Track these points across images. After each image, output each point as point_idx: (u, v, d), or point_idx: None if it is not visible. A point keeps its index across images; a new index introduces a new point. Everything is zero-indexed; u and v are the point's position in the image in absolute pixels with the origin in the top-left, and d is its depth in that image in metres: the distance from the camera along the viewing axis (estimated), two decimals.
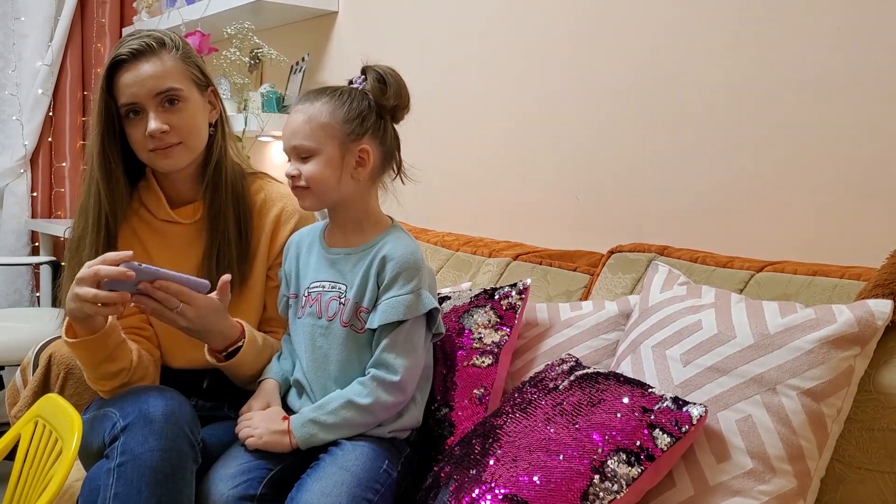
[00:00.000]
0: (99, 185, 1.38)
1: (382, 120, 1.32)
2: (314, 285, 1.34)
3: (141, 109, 1.34)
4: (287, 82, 2.67)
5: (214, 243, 1.41)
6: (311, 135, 1.27)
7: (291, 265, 1.39)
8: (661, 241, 1.59)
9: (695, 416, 1.08)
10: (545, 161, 1.93)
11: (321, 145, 1.27)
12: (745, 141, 1.55)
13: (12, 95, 3.32)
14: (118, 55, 1.34)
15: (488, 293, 1.45)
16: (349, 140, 1.28)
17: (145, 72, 1.33)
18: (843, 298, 1.23)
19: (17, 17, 3.32)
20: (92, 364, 1.30)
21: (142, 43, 1.34)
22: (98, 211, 1.38)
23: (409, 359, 1.26)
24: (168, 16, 2.88)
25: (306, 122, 1.27)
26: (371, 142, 1.30)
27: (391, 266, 1.27)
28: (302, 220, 1.47)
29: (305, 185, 1.28)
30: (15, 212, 3.36)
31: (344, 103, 1.29)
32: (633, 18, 1.73)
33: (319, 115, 1.27)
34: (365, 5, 2.47)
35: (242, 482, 1.21)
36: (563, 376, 1.24)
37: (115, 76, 1.34)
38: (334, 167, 1.27)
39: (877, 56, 1.37)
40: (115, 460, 1.16)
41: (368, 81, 1.32)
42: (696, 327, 1.20)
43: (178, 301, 1.24)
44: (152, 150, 1.36)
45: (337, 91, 1.30)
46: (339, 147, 1.28)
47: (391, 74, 1.33)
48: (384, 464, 1.24)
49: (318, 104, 1.28)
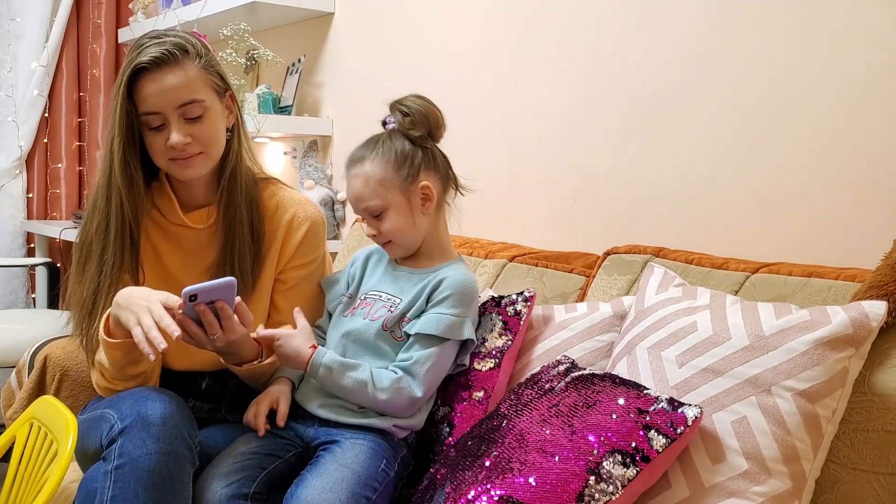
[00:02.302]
0: (121, 193, 1.35)
1: (427, 149, 1.38)
2: (372, 292, 1.41)
3: (163, 119, 1.32)
4: (283, 83, 2.67)
5: (228, 249, 1.40)
6: (375, 194, 1.35)
7: (357, 271, 1.47)
8: (657, 242, 1.59)
9: (690, 417, 1.08)
10: (541, 162, 1.93)
11: (386, 200, 1.35)
12: (741, 143, 1.56)
13: (8, 96, 3.31)
14: (140, 63, 1.29)
15: (496, 300, 1.46)
16: (408, 183, 1.35)
17: (169, 82, 1.30)
18: (838, 300, 1.23)
19: (12, 17, 3.31)
20: (120, 364, 1.31)
21: (164, 51, 1.30)
22: (121, 218, 1.36)
23: (434, 379, 1.32)
24: (164, 17, 2.88)
25: (365, 185, 1.35)
26: (427, 174, 1.37)
27: (446, 285, 1.34)
28: (314, 226, 1.47)
29: (387, 240, 1.38)
30: (10, 213, 3.35)
31: (388, 151, 1.35)
32: (628, 22, 1.73)
33: (373, 172, 1.35)
34: (361, 6, 2.47)
35: (236, 480, 1.21)
36: (558, 378, 1.24)
37: (136, 83, 1.31)
38: (406, 214, 1.36)
39: (872, 58, 1.38)
40: (113, 463, 1.16)
41: (398, 121, 1.38)
42: (691, 329, 1.21)
43: (218, 330, 1.25)
44: (172, 159, 1.34)
45: (377, 142, 1.37)
46: (403, 194, 1.35)
47: (415, 104, 1.38)
48: (382, 463, 1.26)
49: (367, 163, 1.36)
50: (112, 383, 1.34)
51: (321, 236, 1.50)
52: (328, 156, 2.61)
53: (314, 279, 1.50)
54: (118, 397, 1.29)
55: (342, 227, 2.54)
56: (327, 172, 2.58)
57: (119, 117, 1.31)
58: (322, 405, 1.33)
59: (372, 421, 1.30)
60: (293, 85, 2.60)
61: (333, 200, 2.52)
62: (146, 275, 1.41)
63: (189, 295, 1.19)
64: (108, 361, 1.32)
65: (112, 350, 1.29)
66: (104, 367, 1.33)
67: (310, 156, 2.58)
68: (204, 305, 1.22)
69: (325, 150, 2.62)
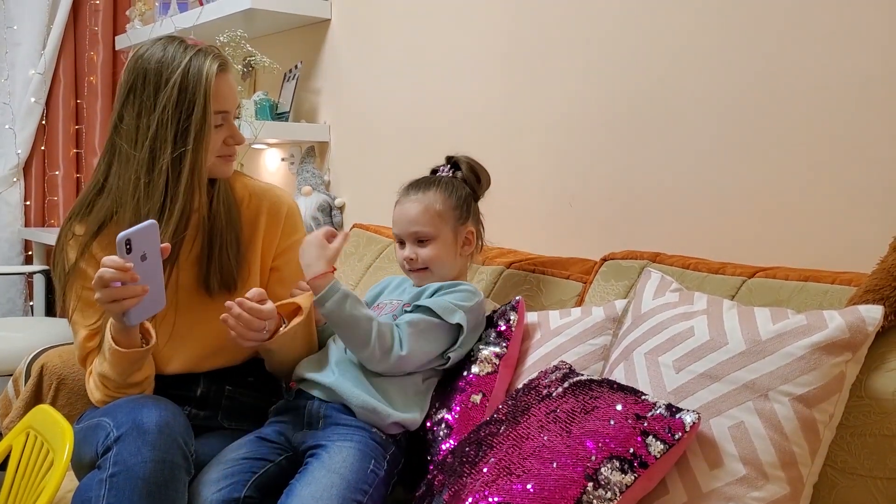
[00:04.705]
0: (197, 191, 1.39)
1: (476, 203, 1.54)
2: (387, 299, 1.51)
3: (223, 119, 1.39)
4: (280, 90, 2.67)
5: (215, 238, 1.43)
6: (430, 222, 1.45)
7: (380, 288, 1.57)
8: (654, 246, 1.59)
9: (688, 422, 1.08)
10: (537, 167, 1.93)
11: (438, 231, 1.45)
12: (738, 147, 1.56)
13: (5, 104, 3.32)
14: (222, 64, 1.38)
15: (487, 318, 1.49)
16: (458, 224, 1.48)
17: (234, 84, 1.42)
18: (835, 304, 1.23)
19: (9, 25, 3.31)
20: (125, 374, 1.32)
21: (222, 56, 1.40)
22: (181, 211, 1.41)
23: (417, 347, 1.34)
24: (161, 24, 2.89)
25: (424, 212, 1.45)
26: (473, 224, 1.51)
27: (451, 283, 1.44)
28: (291, 208, 1.54)
29: (424, 266, 1.45)
30: (8, 221, 3.35)
31: (451, 192, 1.48)
32: (626, 25, 1.74)
33: (434, 203, 1.46)
34: (358, 13, 2.48)
35: (226, 486, 1.22)
36: (556, 383, 1.24)
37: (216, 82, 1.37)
38: (449, 249, 1.47)
39: (869, 62, 1.38)
40: (108, 471, 1.16)
41: (463, 171, 1.53)
42: (688, 334, 1.21)
43: (261, 322, 1.29)
44: (223, 155, 1.42)
45: (440, 181, 1.50)
46: (452, 231, 1.47)
47: (478, 164, 1.55)
48: (371, 464, 1.26)
49: (430, 194, 1.47)
50: (118, 392, 1.34)
51: (299, 216, 1.57)
52: (325, 162, 2.61)
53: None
54: (114, 405, 1.29)
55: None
56: (325, 178, 2.58)
57: (204, 119, 1.34)
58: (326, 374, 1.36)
59: (374, 420, 1.32)
60: (290, 91, 2.61)
61: (331, 206, 2.52)
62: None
63: (125, 240, 1.18)
64: (112, 373, 1.32)
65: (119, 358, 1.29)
66: (106, 378, 1.33)
67: (307, 162, 2.58)
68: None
69: (323, 155, 2.62)
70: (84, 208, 1.41)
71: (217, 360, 1.46)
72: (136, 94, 1.35)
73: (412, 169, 1.58)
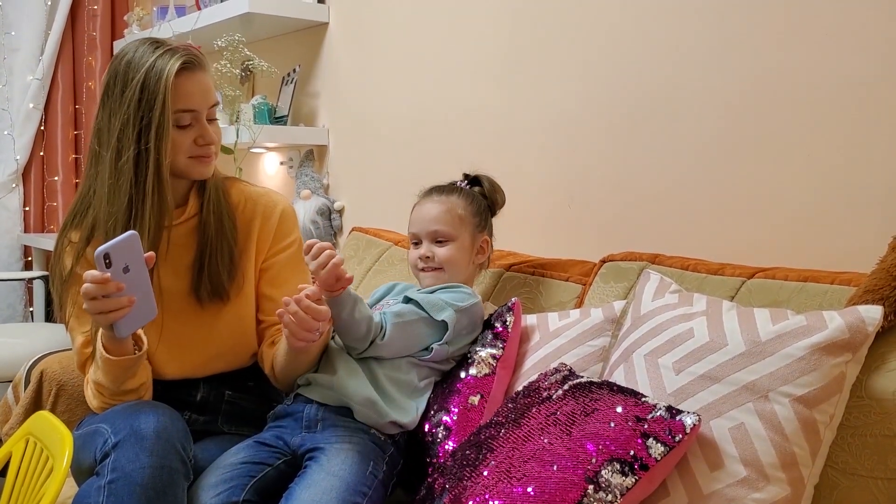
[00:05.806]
0: (160, 193, 1.36)
1: (492, 217, 1.59)
2: (387, 300, 1.52)
3: (193, 118, 1.35)
4: (279, 93, 2.67)
5: (207, 246, 1.42)
6: (450, 223, 1.49)
7: (384, 291, 1.56)
8: (653, 247, 1.59)
9: (688, 424, 1.08)
10: (536, 168, 1.93)
11: (458, 233, 1.49)
12: (736, 148, 1.56)
13: (3, 110, 3.32)
14: (186, 61, 1.32)
15: (485, 321, 1.49)
16: (476, 231, 1.53)
17: (205, 82, 1.36)
18: (834, 304, 1.23)
19: (7, 31, 3.32)
20: (119, 381, 1.31)
21: (192, 55, 1.35)
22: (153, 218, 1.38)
23: (396, 335, 1.36)
24: (159, 28, 2.89)
25: (447, 212, 1.50)
26: (488, 235, 1.56)
27: (451, 284, 1.46)
28: (286, 210, 1.51)
29: (438, 265, 1.48)
30: (7, 226, 3.35)
31: (473, 200, 1.53)
32: (624, 28, 1.74)
33: (457, 206, 1.51)
34: (356, 16, 2.48)
35: (224, 490, 1.21)
36: (556, 386, 1.24)
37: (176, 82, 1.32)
38: (465, 253, 1.50)
39: (867, 62, 1.38)
40: (106, 477, 1.16)
41: (484, 187, 1.57)
42: (688, 335, 1.20)
43: (316, 323, 1.24)
44: (195, 157, 1.37)
45: (461, 190, 1.55)
46: (470, 236, 1.51)
47: (497, 183, 1.61)
48: (370, 466, 1.26)
49: (453, 197, 1.52)
50: (114, 399, 1.34)
51: (294, 219, 1.54)
52: (324, 165, 2.61)
53: (296, 263, 1.50)
54: (113, 412, 1.28)
55: (339, 237, 2.54)
56: (324, 182, 2.58)
57: (163, 117, 1.30)
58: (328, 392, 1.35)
59: (371, 420, 1.31)
60: (288, 95, 2.61)
61: (330, 210, 2.52)
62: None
63: (103, 255, 1.16)
64: (106, 381, 1.31)
65: (112, 367, 1.28)
66: (101, 386, 1.33)
67: (306, 165, 2.58)
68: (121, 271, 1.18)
69: (322, 159, 2.62)
70: (78, 214, 1.41)
71: (216, 365, 1.46)
72: (108, 96, 1.34)
73: (411, 171, 1.58)
